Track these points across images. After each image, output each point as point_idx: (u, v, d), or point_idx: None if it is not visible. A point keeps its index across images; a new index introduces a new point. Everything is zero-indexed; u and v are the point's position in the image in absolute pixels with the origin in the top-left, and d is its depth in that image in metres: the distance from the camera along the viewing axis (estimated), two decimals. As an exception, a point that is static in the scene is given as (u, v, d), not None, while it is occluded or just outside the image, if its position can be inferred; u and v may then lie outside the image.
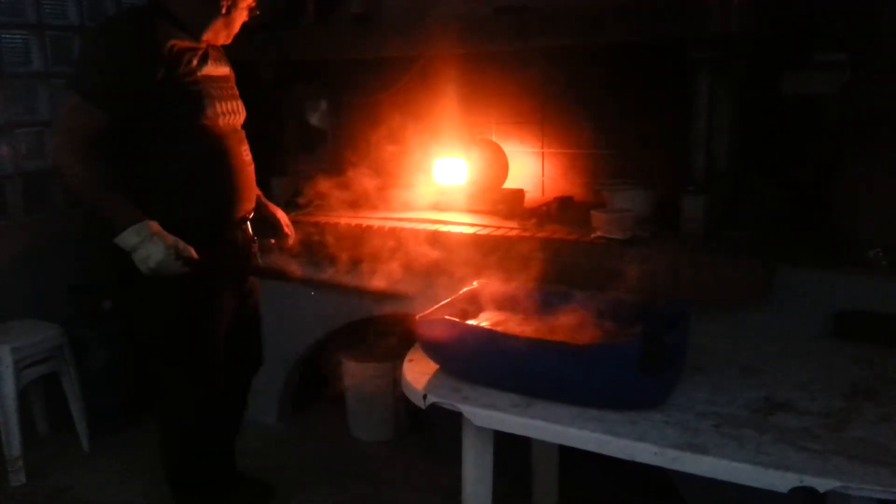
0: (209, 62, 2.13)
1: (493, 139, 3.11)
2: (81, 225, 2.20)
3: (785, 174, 2.54)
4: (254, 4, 2.20)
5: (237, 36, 2.24)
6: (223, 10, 2.11)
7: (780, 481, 1.32)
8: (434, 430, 2.95)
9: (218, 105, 2.12)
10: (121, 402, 3.20)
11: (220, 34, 2.18)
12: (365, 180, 3.28)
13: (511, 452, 1.94)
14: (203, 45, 2.13)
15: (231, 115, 2.19)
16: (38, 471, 2.92)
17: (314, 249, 2.83)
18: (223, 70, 2.22)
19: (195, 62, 2.07)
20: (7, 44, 3.11)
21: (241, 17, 2.19)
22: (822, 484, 1.29)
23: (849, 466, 1.32)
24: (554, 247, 2.42)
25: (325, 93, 3.33)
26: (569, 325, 1.79)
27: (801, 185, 2.52)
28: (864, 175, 2.37)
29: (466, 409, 1.63)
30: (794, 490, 1.31)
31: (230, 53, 2.51)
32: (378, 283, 2.16)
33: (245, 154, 2.23)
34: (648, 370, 1.54)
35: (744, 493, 1.40)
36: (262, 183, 3.26)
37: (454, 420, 1.69)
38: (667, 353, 1.63)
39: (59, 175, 1.98)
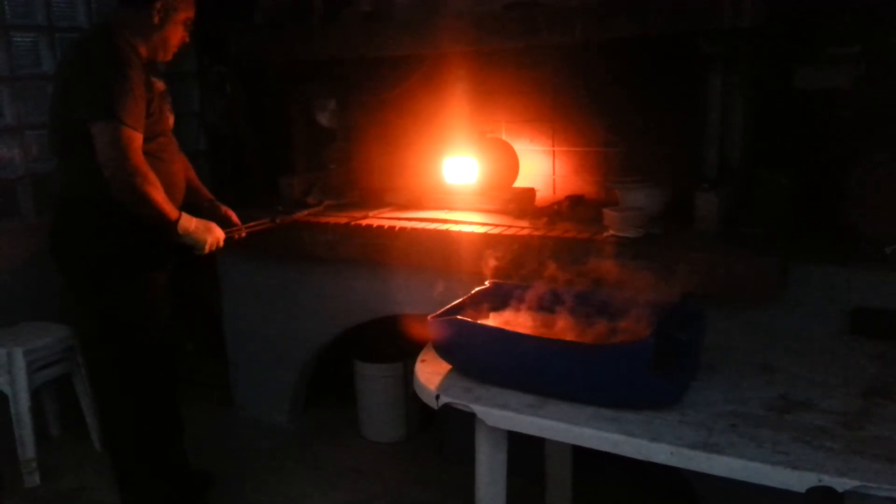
0: (152, 77, 2.29)
1: (504, 137, 3.10)
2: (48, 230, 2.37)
3: (798, 169, 2.52)
4: (191, 17, 2.34)
5: (246, 36, 2.26)
6: (156, 21, 2.24)
7: (798, 481, 1.30)
8: (445, 430, 2.94)
9: (170, 118, 2.38)
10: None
11: (158, 50, 2.32)
12: (374, 180, 3.28)
13: (524, 452, 1.93)
14: (145, 62, 2.27)
15: (170, 126, 2.39)
16: (52, 472, 2.93)
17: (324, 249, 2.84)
18: (162, 85, 2.36)
19: (152, 79, 2.26)
20: (18, 46, 3.12)
21: (176, 31, 2.31)
22: (840, 483, 1.27)
23: (868, 465, 1.30)
24: (566, 246, 2.40)
25: (334, 92, 3.32)
26: (582, 324, 1.77)
27: (815, 181, 2.50)
28: (879, 169, 2.34)
29: (479, 410, 1.62)
30: (812, 490, 1.29)
31: (235, 52, 2.54)
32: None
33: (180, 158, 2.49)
34: (663, 369, 1.52)
35: (761, 492, 1.39)
36: (271, 182, 3.30)
37: (466, 420, 1.68)
38: (681, 351, 1.62)
39: (132, 193, 2.12)
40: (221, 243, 2.40)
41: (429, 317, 1.77)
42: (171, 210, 2.21)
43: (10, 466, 2.89)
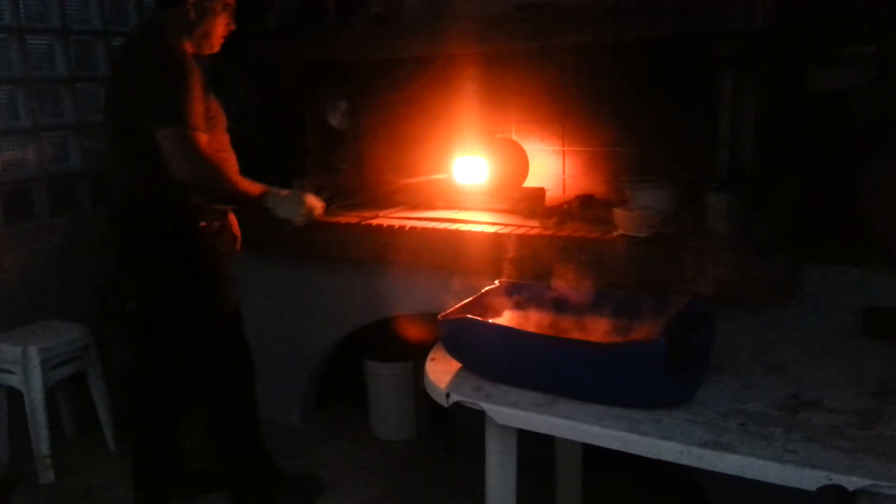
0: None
1: (514, 137, 3.11)
2: (106, 230, 2.40)
3: (811, 171, 2.51)
4: (230, 2, 2.32)
5: (260, 40, 2.28)
6: (192, 16, 2.24)
7: (808, 480, 1.30)
8: (456, 428, 2.95)
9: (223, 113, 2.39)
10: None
11: (203, 44, 2.32)
12: (385, 180, 3.30)
13: (534, 451, 1.93)
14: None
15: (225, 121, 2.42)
16: (66, 469, 2.96)
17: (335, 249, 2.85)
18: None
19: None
20: (32, 49, 3.15)
21: (216, 21, 2.30)
22: (851, 482, 1.27)
23: (878, 464, 1.30)
24: (576, 245, 2.41)
25: (345, 94, 3.33)
26: (592, 323, 1.78)
27: (828, 182, 2.49)
28: (891, 170, 2.33)
29: (489, 408, 1.62)
30: (822, 489, 1.29)
31: (248, 56, 2.54)
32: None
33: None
34: (673, 369, 1.52)
35: (770, 492, 1.39)
36: (285, 184, 3.30)
37: (477, 418, 1.68)
38: (692, 351, 1.62)
39: (220, 190, 2.23)
40: (319, 211, 2.43)
41: (439, 316, 1.78)
42: (253, 188, 2.27)
43: (26, 463, 2.93)
